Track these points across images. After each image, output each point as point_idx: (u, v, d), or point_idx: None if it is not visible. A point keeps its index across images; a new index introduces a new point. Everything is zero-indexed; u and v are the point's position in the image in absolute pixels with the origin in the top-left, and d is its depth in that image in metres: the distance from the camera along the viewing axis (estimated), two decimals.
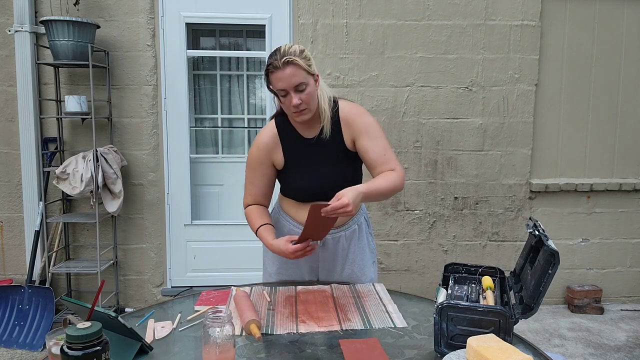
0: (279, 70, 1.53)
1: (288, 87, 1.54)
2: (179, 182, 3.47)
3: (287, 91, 1.55)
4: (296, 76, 1.54)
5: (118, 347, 1.18)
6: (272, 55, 1.56)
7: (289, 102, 1.57)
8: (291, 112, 1.60)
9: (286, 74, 1.53)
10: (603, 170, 3.61)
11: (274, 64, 1.54)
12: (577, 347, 2.99)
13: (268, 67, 1.56)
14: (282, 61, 1.52)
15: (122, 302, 3.47)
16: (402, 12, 3.34)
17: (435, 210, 3.51)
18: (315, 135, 1.69)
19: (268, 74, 1.57)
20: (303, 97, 1.56)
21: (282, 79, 1.53)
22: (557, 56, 3.48)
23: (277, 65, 1.53)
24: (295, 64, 1.53)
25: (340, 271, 1.82)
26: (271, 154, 1.71)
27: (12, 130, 3.28)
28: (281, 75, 1.53)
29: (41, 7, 3.20)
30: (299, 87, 1.56)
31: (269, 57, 1.58)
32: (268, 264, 1.88)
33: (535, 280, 1.20)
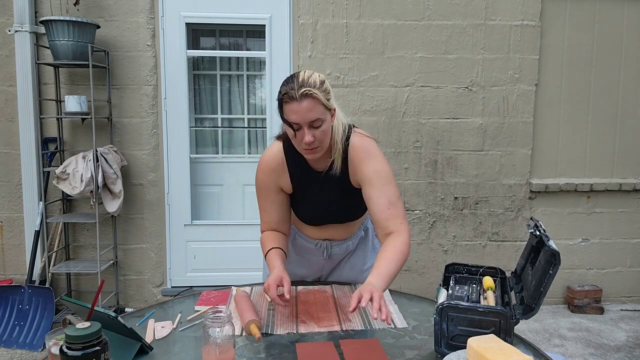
0: (294, 102, 1.36)
1: (302, 122, 1.38)
2: (179, 182, 3.47)
3: (300, 126, 1.39)
4: (313, 111, 1.37)
5: (118, 347, 1.18)
6: (289, 83, 1.40)
7: (301, 138, 1.41)
8: (302, 148, 1.45)
9: (302, 108, 1.36)
10: (603, 170, 3.61)
11: (290, 94, 1.37)
12: (577, 347, 2.99)
13: (283, 96, 1.39)
14: (300, 93, 1.36)
15: (122, 302, 3.46)
16: (402, 12, 3.34)
17: (435, 210, 3.51)
18: (325, 169, 1.56)
19: (281, 103, 1.41)
20: (317, 134, 1.41)
21: (297, 112, 1.37)
22: (557, 56, 3.48)
23: (293, 96, 1.36)
24: (314, 97, 1.37)
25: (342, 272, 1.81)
26: (278, 180, 1.60)
27: (12, 130, 3.27)
28: (297, 108, 1.37)
29: (41, 7, 3.20)
30: (315, 124, 1.40)
31: (285, 84, 1.41)
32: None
33: (536, 281, 1.20)
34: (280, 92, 1.41)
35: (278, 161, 1.58)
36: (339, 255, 1.77)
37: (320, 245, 1.72)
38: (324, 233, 1.70)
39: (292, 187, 1.61)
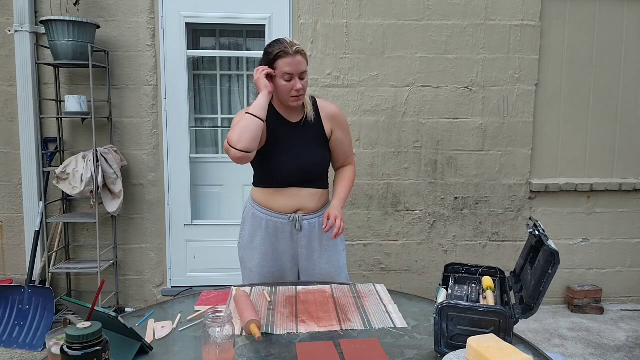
0: (289, 56, 1.71)
1: (295, 73, 1.73)
2: (179, 182, 3.47)
3: (292, 76, 1.74)
4: (302, 64, 1.75)
5: (118, 347, 1.18)
6: (280, 43, 1.73)
7: (291, 87, 1.75)
8: (289, 95, 1.77)
9: (296, 61, 1.72)
10: (603, 170, 3.61)
11: (285, 50, 1.71)
12: (577, 347, 2.99)
13: (279, 53, 1.72)
14: (294, 49, 1.72)
15: (122, 302, 3.47)
16: (402, 12, 3.34)
17: (435, 210, 3.51)
18: (300, 120, 1.88)
19: (277, 58, 1.72)
20: (303, 83, 1.77)
21: (292, 64, 1.72)
22: (557, 56, 3.48)
23: (288, 52, 1.71)
24: (303, 54, 1.75)
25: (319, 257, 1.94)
26: None
27: (12, 130, 3.28)
28: (292, 61, 1.72)
29: (41, 7, 3.20)
30: (302, 75, 1.76)
31: (276, 44, 1.74)
32: (247, 260, 1.94)
33: (536, 280, 1.20)
34: (274, 51, 1.73)
35: None
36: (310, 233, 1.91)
37: (292, 218, 1.88)
38: (294, 202, 1.88)
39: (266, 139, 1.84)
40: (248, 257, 1.94)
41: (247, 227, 1.95)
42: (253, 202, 1.95)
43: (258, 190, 1.93)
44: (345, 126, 1.96)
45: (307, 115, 1.87)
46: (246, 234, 1.95)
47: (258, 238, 1.91)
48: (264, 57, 1.79)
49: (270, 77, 1.78)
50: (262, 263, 1.91)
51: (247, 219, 1.95)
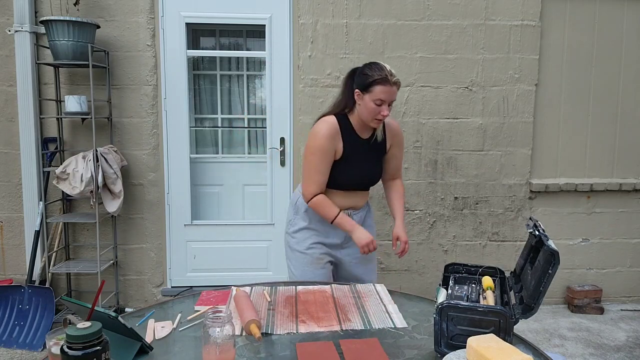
0: (388, 85, 1.89)
1: (387, 100, 1.91)
2: (179, 182, 3.47)
3: (383, 102, 1.91)
4: (395, 95, 1.93)
5: (118, 347, 1.18)
6: (381, 70, 1.90)
7: (378, 111, 1.92)
8: (373, 117, 1.94)
9: (393, 91, 1.91)
10: (603, 170, 3.61)
11: (386, 78, 1.89)
12: (577, 347, 2.99)
13: (379, 79, 1.88)
14: (393, 80, 1.90)
15: (122, 302, 3.47)
16: (402, 12, 3.34)
17: (435, 210, 3.51)
18: (370, 136, 2.07)
19: (375, 83, 1.89)
20: (389, 111, 1.95)
21: (388, 93, 1.90)
22: (557, 56, 3.48)
23: (388, 81, 1.89)
24: (399, 86, 1.93)
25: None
26: (335, 143, 2.00)
27: (12, 130, 3.28)
28: (389, 90, 1.90)
29: (41, 7, 3.20)
30: (391, 104, 1.94)
31: (377, 70, 1.90)
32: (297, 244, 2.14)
33: (536, 280, 1.20)
34: (373, 75, 1.90)
35: (336, 129, 2.00)
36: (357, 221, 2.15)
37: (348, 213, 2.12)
38: (349, 201, 2.11)
39: (342, 152, 2.02)
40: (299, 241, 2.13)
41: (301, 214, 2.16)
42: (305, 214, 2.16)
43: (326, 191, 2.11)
44: (401, 143, 2.19)
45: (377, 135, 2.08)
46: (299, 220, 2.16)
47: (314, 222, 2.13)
48: (359, 77, 1.95)
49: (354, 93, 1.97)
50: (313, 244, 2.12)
51: (301, 208, 2.15)
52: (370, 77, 1.91)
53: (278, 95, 3.46)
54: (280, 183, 3.53)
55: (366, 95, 1.92)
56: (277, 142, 3.50)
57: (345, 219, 2.02)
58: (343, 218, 2.02)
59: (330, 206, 2.02)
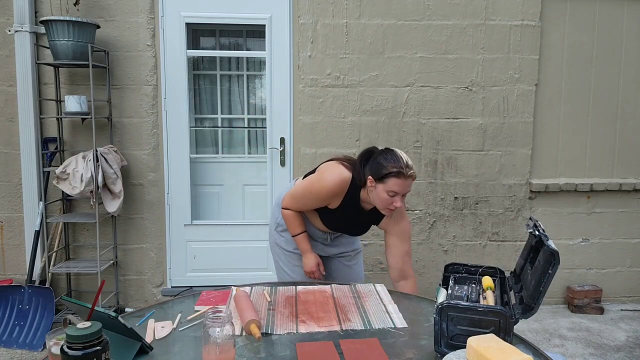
0: (403, 178, 1.82)
1: (401, 193, 1.85)
2: (179, 182, 3.47)
3: (397, 194, 1.84)
4: (409, 187, 1.86)
5: (118, 347, 1.18)
6: (398, 161, 1.83)
7: (391, 202, 1.86)
8: (386, 207, 1.88)
9: (407, 184, 1.84)
10: (603, 170, 3.61)
11: (403, 172, 1.82)
12: (577, 347, 2.99)
13: (395, 171, 1.81)
14: (409, 174, 1.83)
15: (122, 302, 3.47)
16: (402, 12, 3.34)
17: (435, 210, 3.51)
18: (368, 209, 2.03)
19: (391, 175, 1.82)
20: (403, 202, 1.89)
21: (402, 186, 1.83)
22: (557, 56, 3.48)
23: (403, 174, 1.82)
24: (414, 178, 1.87)
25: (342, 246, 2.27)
26: (331, 200, 1.98)
27: (12, 130, 3.28)
28: (404, 183, 1.83)
29: (41, 7, 3.20)
30: (404, 195, 1.88)
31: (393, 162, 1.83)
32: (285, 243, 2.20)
33: (536, 280, 1.20)
34: (388, 167, 1.83)
35: (342, 190, 1.95)
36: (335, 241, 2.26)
37: (326, 234, 2.20)
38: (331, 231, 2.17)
39: (336, 209, 2.01)
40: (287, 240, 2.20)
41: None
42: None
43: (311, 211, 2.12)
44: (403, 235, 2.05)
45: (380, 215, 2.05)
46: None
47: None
48: (374, 165, 1.87)
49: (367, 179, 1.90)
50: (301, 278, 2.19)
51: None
52: (385, 168, 1.83)
53: (278, 95, 3.46)
54: (280, 183, 3.53)
55: (379, 185, 1.85)
56: (277, 142, 3.50)
57: (303, 241, 2.10)
58: (301, 240, 2.10)
59: (297, 225, 2.09)
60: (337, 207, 2.00)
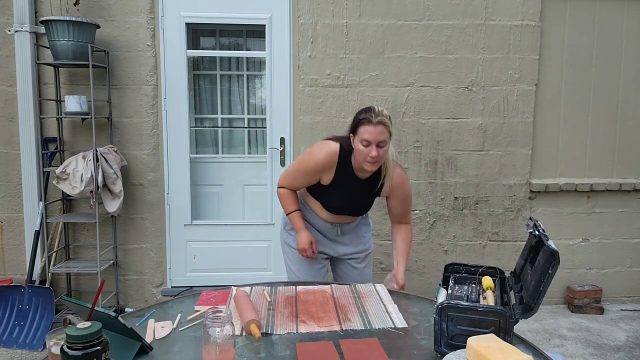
0: (371, 125, 1.83)
1: (373, 141, 1.84)
2: (179, 182, 3.47)
3: (370, 143, 1.84)
4: (382, 135, 1.84)
5: (118, 347, 1.18)
6: (367, 111, 1.86)
7: (367, 153, 1.85)
8: (364, 160, 1.88)
9: (377, 131, 1.83)
10: (603, 170, 3.61)
11: (368, 119, 1.84)
12: (577, 347, 2.99)
13: (362, 119, 1.86)
14: (377, 120, 1.83)
15: (122, 302, 3.47)
16: (402, 12, 3.34)
17: (435, 210, 3.51)
18: (364, 178, 2.02)
19: (359, 124, 1.87)
20: (381, 152, 1.86)
21: (371, 133, 1.83)
22: (557, 56, 3.48)
23: (371, 121, 1.83)
24: (385, 125, 1.85)
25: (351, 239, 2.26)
26: (323, 173, 2.00)
27: (12, 130, 3.28)
28: (372, 130, 1.83)
29: (41, 7, 3.20)
30: (380, 144, 1.85)
31: (364, 112, 1.87)
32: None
33: (536, 280, 1.20)
34: (359, 117, 1.88)
35: (333, 160, 1.98)
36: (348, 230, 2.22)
37: (335, 225, 2.17)
38: (337, 219, 2.15)
39: (331, 182, 2.01)
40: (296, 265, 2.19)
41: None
42: (304, 202, 2.19)
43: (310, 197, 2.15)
44: (402, 197, 2.08)
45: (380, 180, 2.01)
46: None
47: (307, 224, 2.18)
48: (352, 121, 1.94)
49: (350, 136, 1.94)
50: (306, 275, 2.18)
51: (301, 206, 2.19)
52: (356, 118, 1.90)
53: (278, 95, 3.46)
54: None
55: (355, 138, 1.90)
56: (277, 142, 3.50)
57: (296, 219, 2.11)
58: (295, 217, 2.11)
59: (290, 203, 2.11)
60: (331, 181, 2.01)
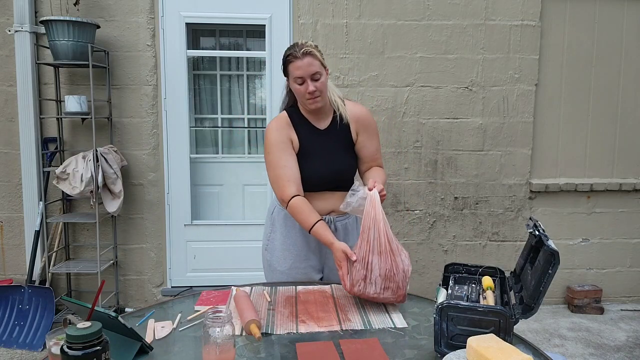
0: (298, 59, 1.70)
1: (305, 75, 1.70)
2: (179, 182, 3.47)
3: (304, 79, 1.71)
4: (313, 66, 1.70)
5: (118, 347, 1.18)
6: (291, 48, 1.74)
7: (305, 90, 1.72)
8: (305, 99, 1.74)
9: (305, 63, 1.69)
10: (603, 170, 3.61)
11: (293, 54, 1.71)
12: (577, 347, 2.99)
13: (288, 57, 1.73)
14: (302, 51, 1.69)
15: (122, 302, 3.47)
16: (402, 12, 3.34)
17: (435, 210, 3.51)
18: (327, 125, 1.85)
19: (287, 64, 1.73)
20: (317, 85, 1.72)
21: (300, 67, 1.69)
22: (557, 56, 3.48)
23: (296, 55, 1.70)
24: (312, 55, 1.71)
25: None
26: (289, 133, 1.81)
27: (12, 130, 3.28)
28: (300, 64, 1.69)
29: (41, 7, 3.20)
30: (315, 77, 1.71)
31: (288, 50, 1.74)
32: (278, 263, 1.88)
33: (536, 280, 1.20)
34: (285, 55, 1.74)
35: (285, 120, 1.83)
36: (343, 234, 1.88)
37: (327, 219, 1.84)
38: (325, 204, 1.84)
39: (299, 145, 1.81)
40: (279, 260, 1.88)
41: (278, 229, 1.90)
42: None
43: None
44: (370, 129, 1.88)
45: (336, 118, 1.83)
46: (277, 235, 1.90)
47: (291, 239, 1.87)
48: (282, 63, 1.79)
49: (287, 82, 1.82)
50: (294, 264, 1.86)
51: (278, 221, 1.90)
52: (283, 59, 1.75)
53: (278, 95, 3.46)
54: None
55: (290, 80, 1.76)
56: None
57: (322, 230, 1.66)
58: (320, 229, 1.66)
59: (309, 213, 1.70)
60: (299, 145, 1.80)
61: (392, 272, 1.47)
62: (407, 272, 1.49)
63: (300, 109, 1.85)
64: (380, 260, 1.48)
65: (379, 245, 1.48)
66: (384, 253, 1.48)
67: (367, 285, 1.49)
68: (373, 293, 1.48)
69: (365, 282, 1.49)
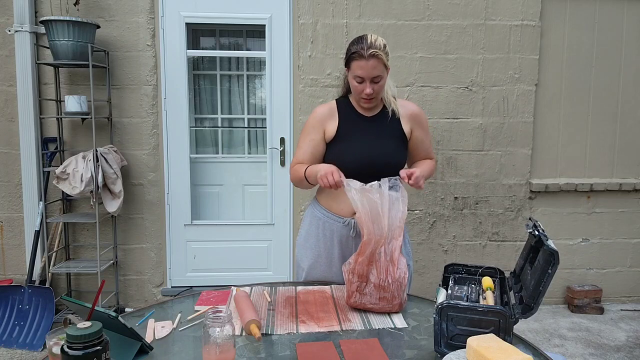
0: (363, 59, 1.66)
1: (366, 77, 1.69)
2: (179, 182, 3.47)
3: (363, 79, 1.69)
4: (376, 69, 1.68)
5: (118, 347, 1.18)
6: (358, 43, 1.69)
7: (362, 89, 1.71)
8: (360, 97, 1.74)
9: (369, 65, 1.67)
10: (603, 170, 3.61)
11: (360, 53, 1.67)
12: (577, 347, 2.99)
13: (353, 54, 1.69)
14: (369, 53, 1.65)
15: (122, 302, 3.47)
16: (402, 12, 3.34)
17: (435, 210, 3.51)
18: (374, 114, 1.83)
19: (351, 59, 1.70)
20: (376, 87, 1.71)
21: (364, 68, 1.67)
22: (557, 56, 3.48)
23: (362, 55, 1.66)
24: (379, 58, 1.67)
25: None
26: (325, 123, 1.81)
27: (12, 130, 3.28)
28: (364, 64, 1.67)
29: (41, 7, 3.20)
30: (375, 79, 1.70)
31: (355, 44, 1.70)
32: (301, 259, 1.90)
33: (535, 280, 1.20)
34: (350, 50, 1.71)
35: (332, 107, 1.83)
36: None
37: (348, 222, 1.81)
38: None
39: (337, 130, 1.79)
40: (302, 256, 1.89)
41: (305, 226, 1.92)
42: (315, 200, 1.92)
43: (325, 195, 1.86)
44: (425, 126, 1.90)
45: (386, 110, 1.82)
46: (303, 232, 1.91)
47: (312, 239, 1.86)
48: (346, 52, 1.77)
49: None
50: (314, 264, 1.85)
51: (307, 217, 1.92)
52: (348, 51, 1.73)
53: (278, 95, 3.46)
54: (280, 183, 3.54)
55: (349, 74, 1.75)
56: (277, 142, 3.50)
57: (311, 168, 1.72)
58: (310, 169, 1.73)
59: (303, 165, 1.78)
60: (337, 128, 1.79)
61: (386, 282, 1.47)
62: (403, 280, 1.49)
63: (350, 99, 1.85)
64: (375, 271, 1.48)
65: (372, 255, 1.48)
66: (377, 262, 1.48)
67: (362, 297, 1.49)
68: (369, 304, 1.49)
69: (361, 293, 1.49)
